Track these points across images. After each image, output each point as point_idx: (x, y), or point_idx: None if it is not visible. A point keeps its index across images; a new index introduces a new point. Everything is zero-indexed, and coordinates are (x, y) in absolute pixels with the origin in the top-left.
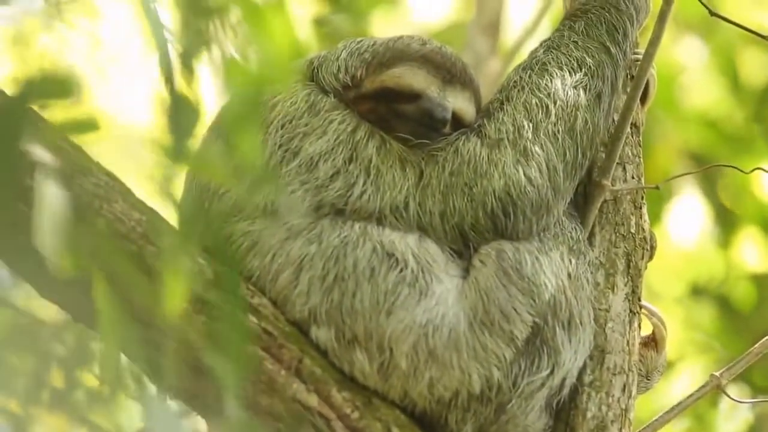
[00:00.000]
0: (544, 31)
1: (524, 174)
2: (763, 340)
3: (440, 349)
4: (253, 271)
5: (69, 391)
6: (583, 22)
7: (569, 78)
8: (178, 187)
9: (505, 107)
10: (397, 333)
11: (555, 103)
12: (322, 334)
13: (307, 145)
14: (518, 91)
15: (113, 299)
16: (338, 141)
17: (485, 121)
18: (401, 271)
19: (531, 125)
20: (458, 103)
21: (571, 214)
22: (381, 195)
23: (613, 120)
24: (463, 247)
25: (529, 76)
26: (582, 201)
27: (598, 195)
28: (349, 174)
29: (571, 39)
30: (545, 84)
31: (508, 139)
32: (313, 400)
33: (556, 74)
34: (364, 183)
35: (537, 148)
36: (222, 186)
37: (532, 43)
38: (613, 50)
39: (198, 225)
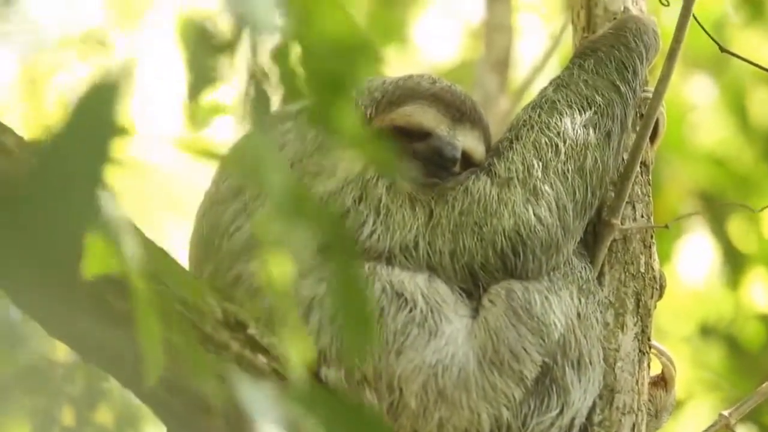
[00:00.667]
0: (553, 68)
1: (534, 213)
2: None
3: (450, 389)
4: (262, 311)
5: (79, 430)
6: (592, 61)
7: (579, 117)
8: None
9: (514, 146)
10: (407, 373)
11: (564, 142)
12: (331, 374)
13: (316, 184)
14: (528, 130)
15: (152, 300)
16: (348, 180)
17: (495, 161)
18: (410, 311)
19: (541, 164)
20: (468, 141)
21: (581, 253)
22: (391, 234)
23: (623, 159)
24: (472, 287)
25: (539, 115)
26: (591, 240)
27: (607, 234)
28: (359, 213)
29: (581, 78)
30: (555, 123)
31: (518, 178)
32: None
33: (566, 113)
34: (374, 223)
35: (547, 188)
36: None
37: (542, 81)
38: (622, 89)
39: (208, 264)
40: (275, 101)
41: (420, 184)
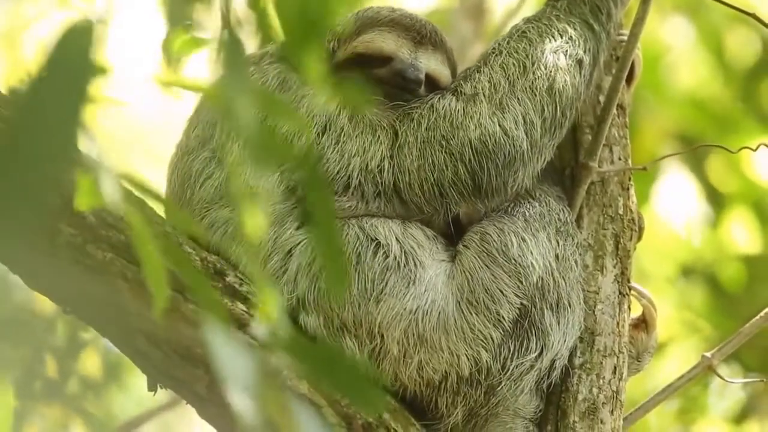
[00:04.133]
0: (527, 13)
1: (499, 125)
2: (754, 320)
3: (429, 332)
4: (239, 259)
5: (62, 381)
6: (566, 1)
7: (549, 44)
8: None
9: (481, 69)
10: (388, 320)
11: (533, 63)
12: (310, 321)
13: (279, 123)
14: (495, 55)
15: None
16: (312, 115)
17: (461, 82)
18: (386, 257)
19: (507, 82)
20: (431, 64)
21: (559, 196)
22: (348, 161)
23: (599, 101)
24: (440, 208)
25: (507, 42)
26: (569, 183)
27: (585, 177)
28: (321, 146)
29: (553, 14)
30: (523, 47)
31: (483, 94)
32: (303, 387)
33: (536, 40)
34: (333, 152)
35: (513, 103)
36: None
37: None
38: (596, 27)
39: (181, 213)
40: (249, 45)
41: (385, 110)
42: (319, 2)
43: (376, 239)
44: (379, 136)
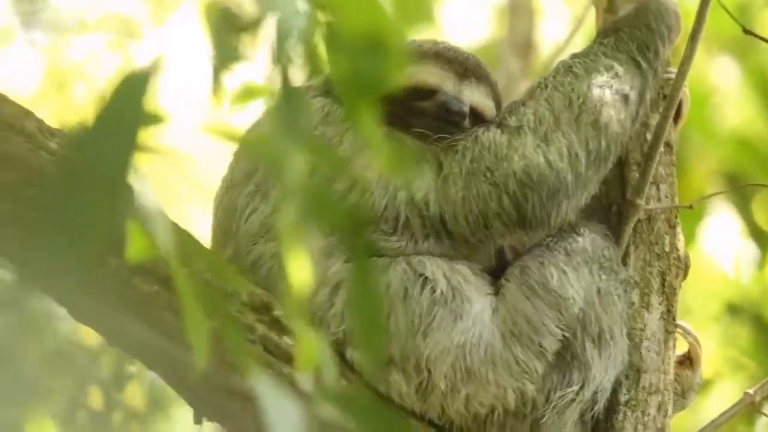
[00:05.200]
0: (575, 49)
1: (544, 157)
2: None
3: (477, 365)
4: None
5: (107, 412)
6: (613, 39)
7: (595, 79)
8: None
9: (527, 102)
10: (435, 354)
11: (579, 97)
12: (357, 355)
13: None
14: (541, 89)
15: (194, 286)
16: (354, 150)
17: (506, 115)
18: (434, 291)
19: (552, 115)
20: (475, 97)
21: (605, 233)
22: (394, 195)
23: (646, 139)
24: (486, 240)
25: (553, 77)
26: (616, 220)
27: (632, 214)
28: (365, 181)
29: (600, 50)
30: (569, 81)
31: (528, 126)
32: None
33: (581, 75)
34: (377, 186)
35: (558, 135)
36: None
37: None
38: (643, 65)
39: (227, 249)
40: (296, 78)
41: (430, 143)
42: (372, 62)
43: (423, 274)
44: (424, 168)
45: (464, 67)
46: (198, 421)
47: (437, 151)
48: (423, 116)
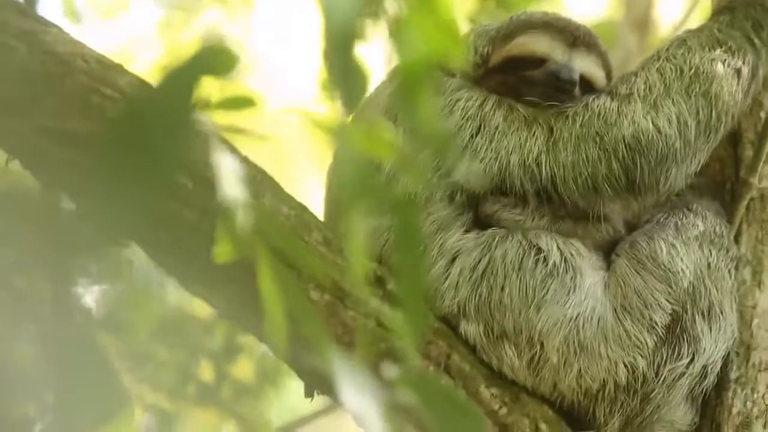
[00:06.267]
0: (692, 26)
1: (653, 123)
2: None
3: (589, 339)
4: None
5: (217, 385)
6: (728, 17)
7: (708, 52)
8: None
9: (638, 72)
10: (548, 328)
11: (690, 68)
12: (471, 329)
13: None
14: (654, 60)
15: (276, 276)
16: (466, 117)
17: (617, 84)
18: (548, 264)
19: (663, 84)
20: (585, 65)
21: (717, 210)
22: (506, 157)
23: (760, 118)
24: (594, 203)
25: (666, 50)
26: (729, 199)
27: (745, 193)
28: (475, 146)
29: (715, 27)
30: (681, 53)
31: (638, 94)
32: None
33: (694, 48)
34: (486, 150)
35: (668, 103)
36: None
37: None
38: (757, 42)
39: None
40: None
41: (539, 109)
42: (436, 44)
43: (538, 245)
44: (534, 131)
45: (574, 36)
46: (309, 394)
47: (548, 117)
48: (534, 85)
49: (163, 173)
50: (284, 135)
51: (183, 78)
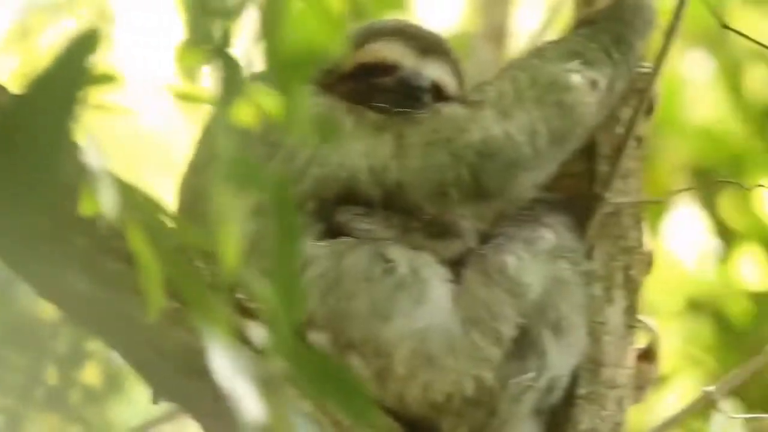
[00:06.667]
0: (549, 39)
1: (503, 129)
2: (759, 356)
3: (437, 351)
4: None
5: (64, 389)
6: (588, 30)
7: (563, 63)
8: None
9: (492, 81)
10: (396, 339)
11: (545, 78)
12: (319, 338)
13: (285, 136)
14: (508, 69)
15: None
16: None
17: (470, 92)
18: (396, 275)
19: (515, 92)
20: (436, 72)
21: (569, 225)
22: (355, 163)
23: (616, 133)
24: (444, 208)
25: (521, 59)
26: (582, 213)
27: (598, 207)
28: (323, 152)
29: (573, 39)
30: (536, 63)
31: (490, 102)
32: (307, 406)
33: (550, 58)
34: (337, 155)
35: (519, 111)
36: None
37: None
38: (615, 56)
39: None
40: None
41: (390, 116)
42: (307, 40)
43: (387, 256)
44: (383, 137)
45: (425, 43)
46: (156, 401)
47: (398, 123)
48: (385, 92)
49: (47, 176)
50: (147, 112)
51: (65, 73)
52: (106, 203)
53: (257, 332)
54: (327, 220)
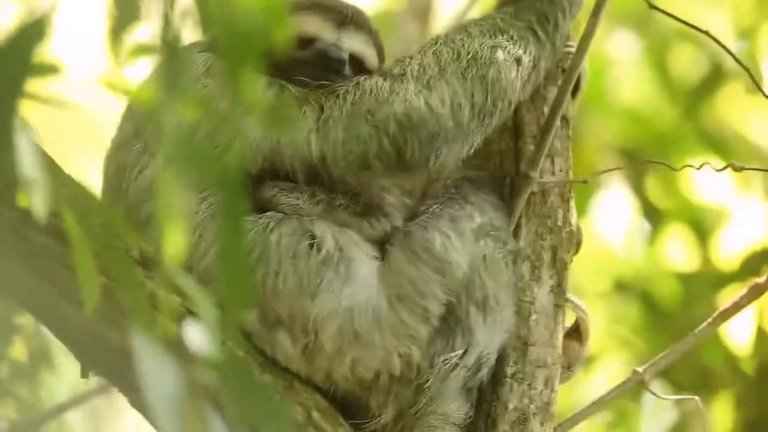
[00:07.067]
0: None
1: (425, 102)
2: (687, 337)
3: (364, 328)
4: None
5: None
6: (513, 8)
7: (488, 39)
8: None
9: (414, 55)
10: (323, 316)
11: (468, 53)
12: (245, 315)
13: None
14: (431, 44)
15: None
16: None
17: (392, 66)
18: (323, 252)
19: (438, 66)
20: (355, 44)
21: (496, 203)
22: (276, 137)
23: (543, 112)
24: (365, 178)
25: (445, 35)
26: (509, 192)
27: (525, 187)
28: (245, 126)
29: (498, 17)
30: (460, 38)
31: (412, 74)
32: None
33: (474, 34)
34: (257, 129)
35: (442, 84)
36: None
37: None
38: (541, 34)
39: (119, 207)
40: (187, 35)
41: (312, 88)
42: (254, 22)
43: (312, 232)
44: (305, 111)
45: (342, 15)
46: (84, 375)
47: (319, 96)
48: (304, 65)
49: None
50: (85, 104)
51: (9, 64)
52: (37, 200)
53: (193, 334)
54: (252, 195)
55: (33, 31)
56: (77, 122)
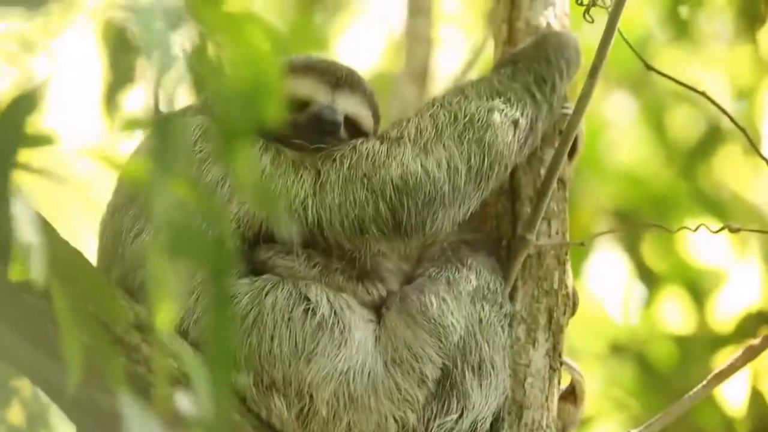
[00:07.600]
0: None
1: (422, 165)
2: (683, 399)
3: (360, 392)
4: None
5: None
6: (510, 70)
7: (485, 102)
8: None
9: (411, 118)
10: (318, 380)
11: (465, 116)
12: (240, 379)
13: (204, 172)
14: (428, 107)
15: (72, 304)
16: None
17: (388, 129)
18: (318, 315)
19: (435, 129)
20: (349, 106)
21: (492, 267)
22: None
23: (540, 174)
24: (361, 245)
25: (442, 97)
26: (505, 255)
27: (522, 249)
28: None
29: (495, 79)
30: (457, 101)
31: (409, 138)
32: None
33: (471, 96)
34: None
35: (439, 147)
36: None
37: None
38: (538, 96)
39: (114, 271)
40: (182, 99)
41: (307, 153)
42: (247, 92)
43: (307, 296)
44: (301, 175)
45: (336, 76)
46: None
47: (316, 160)
48: (299, 128)
49: None
50: (80, 174)
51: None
52: (35, 270)
53: (185, 403)
54: (249, 257)
55: (26, 101)
56: (71, 191)
